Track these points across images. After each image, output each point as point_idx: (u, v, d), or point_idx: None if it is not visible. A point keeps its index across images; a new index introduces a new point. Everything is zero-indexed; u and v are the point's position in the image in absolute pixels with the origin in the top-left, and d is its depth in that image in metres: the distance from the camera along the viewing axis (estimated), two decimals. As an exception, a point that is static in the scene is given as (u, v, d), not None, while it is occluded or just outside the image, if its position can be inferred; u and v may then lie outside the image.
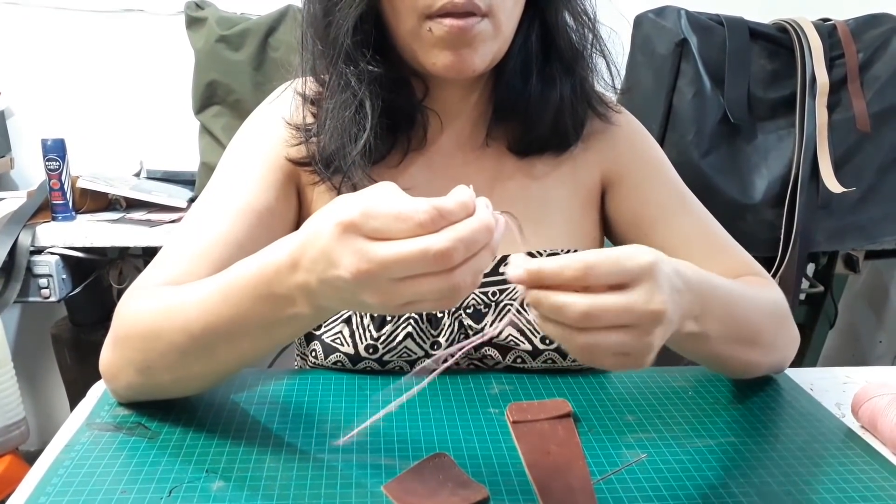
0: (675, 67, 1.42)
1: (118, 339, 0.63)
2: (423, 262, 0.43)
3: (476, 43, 0.65)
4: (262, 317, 0.54)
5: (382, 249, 0.44)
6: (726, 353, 0.66)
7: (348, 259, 0.45)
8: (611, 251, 0.49)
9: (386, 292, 0.45)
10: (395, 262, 0.44)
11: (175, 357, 0.59)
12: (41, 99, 1.79)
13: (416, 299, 0.46)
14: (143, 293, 0.64)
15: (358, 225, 0.45)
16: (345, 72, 0.69)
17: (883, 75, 1.44)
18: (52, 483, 0.55)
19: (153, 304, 0.61)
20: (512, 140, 0.77)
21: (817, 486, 0.58)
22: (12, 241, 1.42)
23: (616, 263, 0.47)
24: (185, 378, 0.62)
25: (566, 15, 0.73)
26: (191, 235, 0.69)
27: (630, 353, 0.49)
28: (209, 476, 0.57)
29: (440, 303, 0.47)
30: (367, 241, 0.45)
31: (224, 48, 1.54)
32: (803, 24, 1.45)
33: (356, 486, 0.56)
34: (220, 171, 0.75)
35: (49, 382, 1.97)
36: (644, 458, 0.61)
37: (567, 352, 0.71)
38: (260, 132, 0.76)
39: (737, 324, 0.64)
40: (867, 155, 1.46)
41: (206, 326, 0.56)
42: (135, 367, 0.62)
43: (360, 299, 0.46)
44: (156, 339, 0.59)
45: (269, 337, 0.56)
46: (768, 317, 0.71)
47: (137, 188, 1.58)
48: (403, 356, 0.73)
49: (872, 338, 2.28)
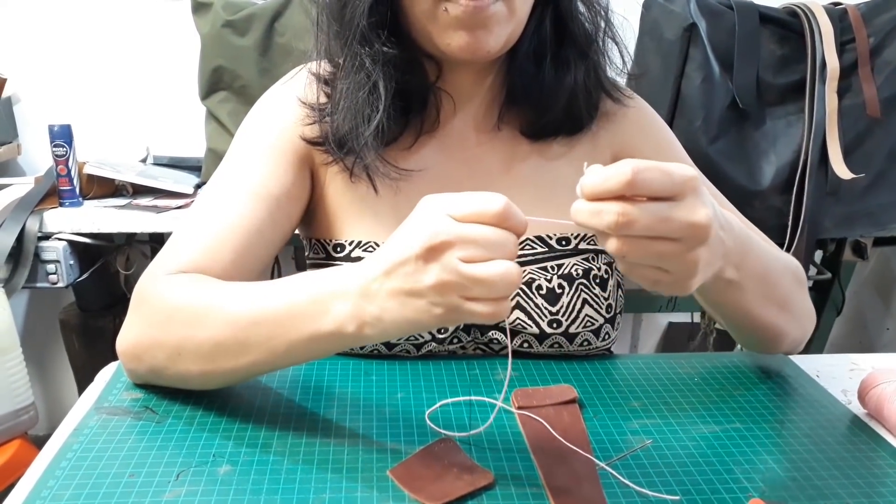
0: (683, 52, 1.41)
1: (153, 321, 0.62)
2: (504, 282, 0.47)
3: (491, 24, 0.65)
4: (307, 323, 0.55)
5: (470, 268, 0.47)
6: (759, 313, 0.66)
7: (435, 271, 0.48)
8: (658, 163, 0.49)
9: (450, 305, 0.49)
10: (479, 280, 0.47)
11: (210, 348, 0.59)
12: (48, 85, 1.79)
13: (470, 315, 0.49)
14: (182, 279, 0.63)
15: (450, 243, 0.48)
16: (359, 53, 0.69)
17: (894, 60, 1.42)
18: (60, 467, 0.56)
19: (200, 292, 0.61)
20: (525, 123, 0.77)
21: (823, 472, 0.58)
22: (20, 227, 1.42)
23: (663, 171, 0.47)
24: (211, 373, 0.61)
25: (579, 2, 0.74)
26: (210, 219, 0.69)
27: (671, 270, 0.49)
28: (216, 460, 0.57)
29: (486, 318, 0.49)
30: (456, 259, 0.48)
31: (230, 33, 1.54)
32: (814, 7, 1.44)
33: (362, 470, 0.56)
34: (235, 150, 0.75)
35: (57, 368, 1.98)
36: (649, 444, 0.61)
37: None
38: (274, 112, 0.76)
39: (771, 282, 0.64)
40: (877, 141, 1.44)
41: (252, 323, 0.57)
42: (165, 352, 0.62)
43: (425, 308, 0.49)
44: (198, 325, 0.59)
45: (304, 348, 0.56)
46: (795, 283, 0.72)
47: (144, 174, 1.58)
48: (410, 339, 0.73)
49: (880, 325, 2.27)
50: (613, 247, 0.48)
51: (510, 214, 0.48)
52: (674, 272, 0.50)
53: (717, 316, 0.72)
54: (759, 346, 0.76)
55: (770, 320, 0.69)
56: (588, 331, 0.74)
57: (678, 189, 0.48)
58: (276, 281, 0.58)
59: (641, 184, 0.46)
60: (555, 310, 0.73)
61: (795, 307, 0.72)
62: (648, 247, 0.48)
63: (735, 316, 0.68)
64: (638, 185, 0.46)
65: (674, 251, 0.48)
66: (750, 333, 0.73)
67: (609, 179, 0.46)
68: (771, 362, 0.78)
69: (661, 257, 0.48)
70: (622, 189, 0.46)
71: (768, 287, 0.65)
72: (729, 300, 0.63)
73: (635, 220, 0.46)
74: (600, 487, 0.55)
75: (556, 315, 0.73)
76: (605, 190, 0.47)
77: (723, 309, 0.66)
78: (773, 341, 0.74)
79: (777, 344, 0.75)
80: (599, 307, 0.74)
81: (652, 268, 0.50)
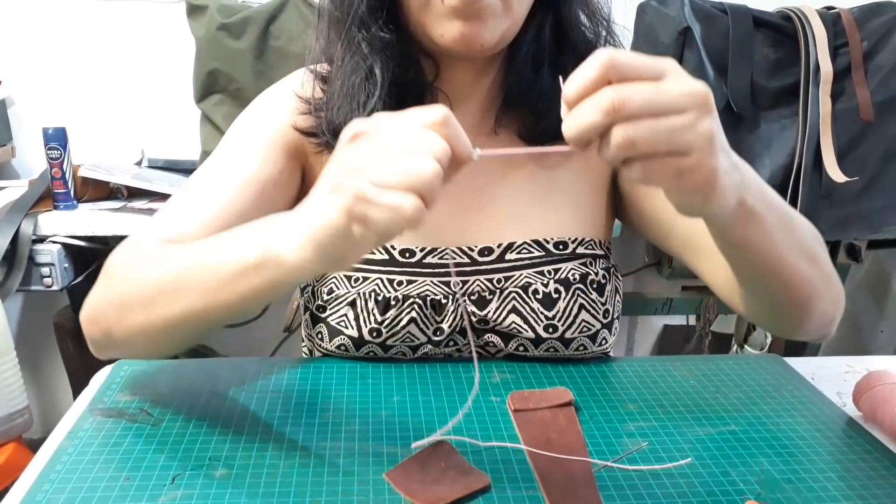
0: (677, 56, 1.41)
1: (109, 282, 0.64)
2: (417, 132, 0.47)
3: (485, 16, 0.65)
4: (236, 257, 0.54)
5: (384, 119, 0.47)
6: (788, 259, 0.60)
7: (346, 135, 0.48)
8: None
9: (360, 170, 0.46)
10: (392, 128, 0.47)
11: (149, 294, 0.60)
12: (42, 88, 1.78)
13: (380, 182, 0.45)
14: (143, 246, 0.66)
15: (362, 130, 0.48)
16: (356, 37, 0.69)
17: (887, 64, 1.43)
18: (55, 470, 0.56)
19: (153, 251, 0.63)
20: (522, 128, 0.77)
21: (818, 474, 0.58)
22: (14, 229, 1.41)
23: (639, 55, 0.44)
24: (152, 326, 0.60)
25: (581, 13, 0.74)
26: (194, 201, 0.70)
27: (688, 151, 0.45)
28: (212, 464, 0.57)
29: (389, 212, 0.45)
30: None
31: (225, 36, 1.54)
32: (807, 12, 1.44)
33: (358, 473, 0.56)
34: (227, 137, 0.76)
35: (52, 371, 1.97)
36: (645, 447, 0.61)
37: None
38: (269, 104, 0.77)
39: (795, 227, 0.60)
40: (870, 144, 1.45)
41: (184, 265, 0.58)
42: (114, 307, 0.62)
43: (332, 198, 0.47)
44: (142, 276, 0.61)
45: (233, 284, 0.55)
46: (817, 240, 0.66)
47: (139, 177, 1.57)
48: (406, 341, 0.73)
49: (874, 328, 2.28)
50: (620, 136, 0.43)
51: (447, 122, 0.47)
52: (692, 153, 0.45)
53: (745, 272, 0.63)
54: (789, 314, 0.66)
55: (800, 271, 0.62)
56: (584, 336, 0.74)
57: (661, 66, 0.45)
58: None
59: (622, 64, 0.43)
60: (551, 314, 0.73)
61: (824, 263, 0.65)
62: (655, 124, 0.43)
63: (764, 262, 0.60)
64: (619, 64, 0.43)
65: (683, 122, 0.44)
66: (781, 293, 0.64)
67: (589, 69, 0.44)
68: (766, 364, 0.78)
69: (672, 132, 0.44)
70: (604, 71, 0.43)
71: (793, 231, 0.60)
72: (755, 238, 0.57)
73: (630, 94, 0.43)
74: (596, 490, 0.55)
75: (551, 320, 0.73)
76: (590, 80, 0.44)
77: (750, 253, 0.59)
78: (806, 303, 0.65)
79: (810, 306, 0.65)
80: (596, 312, 0.74)
81: (669, 156, 0.45)
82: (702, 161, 0.45)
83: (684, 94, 0.44)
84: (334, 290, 0.74)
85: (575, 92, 0.44)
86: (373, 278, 0.73)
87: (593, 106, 0.43)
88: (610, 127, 0.44)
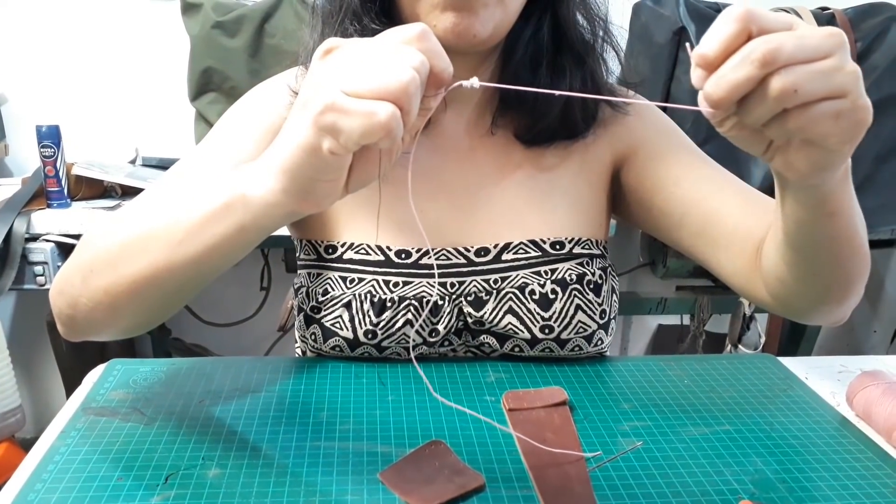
0: (672, 56, 1.42)
1: (75, 251, 0.65)
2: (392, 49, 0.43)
3: (478, 7, 0.64)
4: (203, 206, 0.53)
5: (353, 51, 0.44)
6: (861, 230, 0.60)
7: (319, 52, 0.45)
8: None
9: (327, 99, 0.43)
10: (366, 42, 0.44)
11: (115, 253, 0.59)
12: (36, 85, 1.78)
13: (352, 90, 0.42)
14: (114, 220, 0.66)
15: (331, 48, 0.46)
16: (349, 30, 0.69)
17: (881, 65, 1.43)
18: (48, 470, 0.55)
19: (119, 217, 0.64)
20: (519, 129, 0.77)
21: (812, 473, 0.58)
22: (7, 228, 1.41)
23: (767, 10, 0.43)
24: (115, 286, 0.59)
25: (578, 13, 0.73)
26: (175, 183, 0.70)
27: (843, 92, 0.43)
28: (205, 463, 0.57)
29: (360, 118, 0.42)
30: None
31: (220, 35, 1.53)
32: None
33: (352, 473, 0.56)
34: (219, 126, 0.76)
35: (45, 370, 1.96)
36: (639, 446, 0.61)
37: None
38: (263, 96, 0.77)
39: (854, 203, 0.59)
40: (864, 144, 1.41)
41: (151, 224, 0.58)
42: (81, 273, 0.62)
43: (307, 98, 0.44)
44: (106, 238, 0.61)
45: (200, 231, 0.54)
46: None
47: (133, 175, 1.57)
48: (402, 342, 0.73)
49: (867, 328, 2.29)
50: (779, 86, 0.41)
51: (425, 37, 0.44)
52: (847, 94, 0.44)
53: (823, 247, 0.61)
54: (838, 291, 0.66)
55: (864, 240, 0.61)
56: (580, 337, 0.74)
57: (789, 16, 0.44)
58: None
59: (760, 16, 0.42)
60: (547, 315, 0.73)
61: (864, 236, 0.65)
62: (811, 68, 0.42)
63: (847, 232, 0.60)
64: (757, 17, 0.42)
65: (833, 64, 0.43)
66: (845, 264, 0.63)
67: (726, 24, 0.42)
68: (760, 364, 0.78)
69: (826, 75, 0.43)
70: (744, 24, 0.42)
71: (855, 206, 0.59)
72: (846, 205, 0.57)
73: (781, 42, 0.41)
74: (591, 489, 0.55)
75: (548, 321, 0.72)
76: (732, 34, 0.42)
77: (841, 220, 0.58)
78: (858, 278, 0.66)
79: (860, 282, 0.66)
80: (593, 313, 0.74)
81: (827, 100, 0.43)
82: (857, 101, 0.45)
83: (826, 37, 0.43)
84: (329, 291, 0.73)
85: (719, 47, 0.42)
86: (368, 279, 0.73)
87: (744, 59, 0.41)
88: (762, 81, 0.42)
